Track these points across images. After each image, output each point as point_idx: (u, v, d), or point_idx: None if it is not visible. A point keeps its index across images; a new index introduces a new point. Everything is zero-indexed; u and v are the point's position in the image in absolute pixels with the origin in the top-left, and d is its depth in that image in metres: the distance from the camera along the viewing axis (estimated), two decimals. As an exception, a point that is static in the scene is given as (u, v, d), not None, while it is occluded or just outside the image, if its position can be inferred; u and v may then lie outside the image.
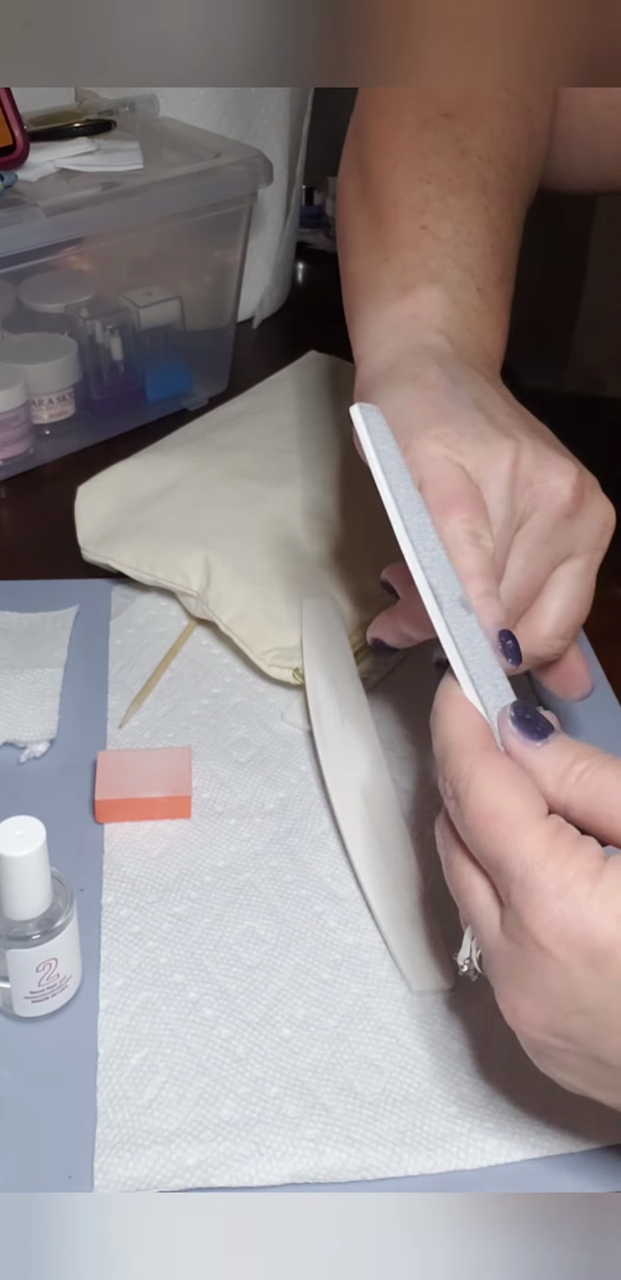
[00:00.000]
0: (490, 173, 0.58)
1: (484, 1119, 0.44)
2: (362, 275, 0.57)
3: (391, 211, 0.57)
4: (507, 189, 0.59)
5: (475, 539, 0.46)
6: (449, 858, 0.40)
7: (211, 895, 0.52)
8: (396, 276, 0.55)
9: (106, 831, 0.55)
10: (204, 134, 0.91)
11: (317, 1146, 0.43)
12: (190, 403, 0.91)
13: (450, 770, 0.39)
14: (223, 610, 0.65)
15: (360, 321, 0.56)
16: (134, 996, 0.48)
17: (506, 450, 0.47)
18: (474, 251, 0.55)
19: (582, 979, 0.35)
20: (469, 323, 0.54)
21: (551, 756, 0.38)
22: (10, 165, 0.82)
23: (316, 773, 0.59)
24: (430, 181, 0.57)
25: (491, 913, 0.38)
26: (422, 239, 0.55)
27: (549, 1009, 0.36)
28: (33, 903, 0.45)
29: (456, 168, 0.57)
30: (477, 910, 0.38)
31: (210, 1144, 0.43)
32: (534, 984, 0.36)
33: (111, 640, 0.67)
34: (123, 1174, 0.42)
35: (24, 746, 0.59)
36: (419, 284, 0.54)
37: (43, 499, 0.81)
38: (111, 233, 0.81)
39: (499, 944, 0.37)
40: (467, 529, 0.46)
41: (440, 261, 0.54)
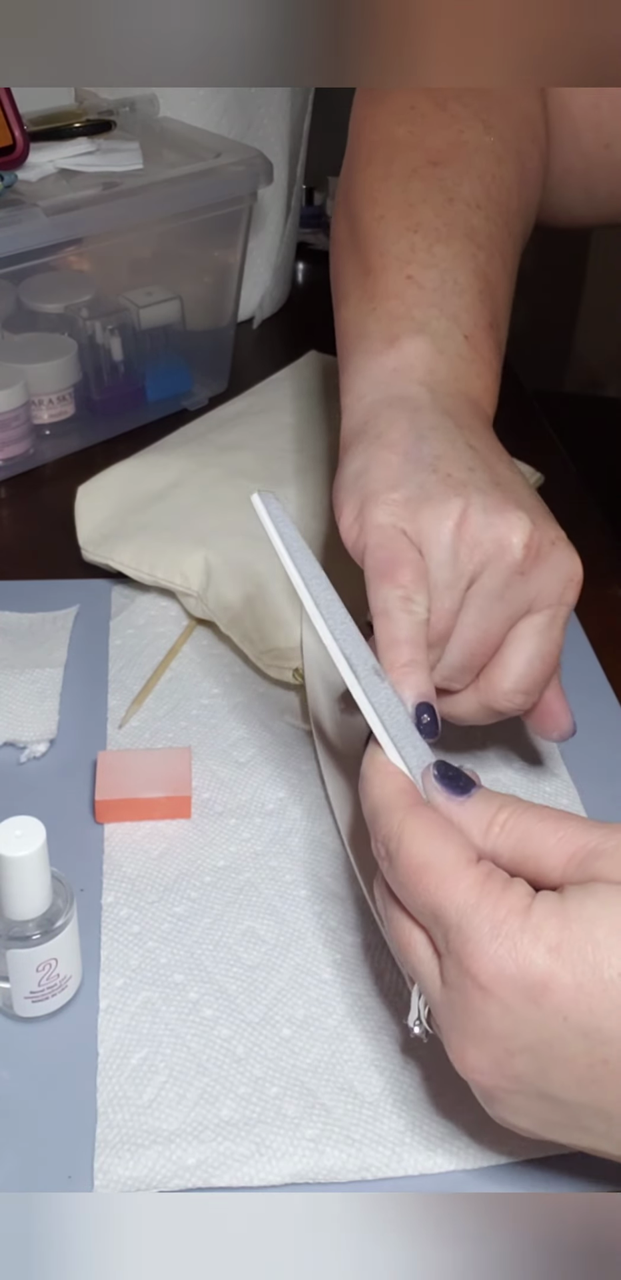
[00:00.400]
0: (478, 218, 0.58)
1: (484, 1119, 0.44)
2: (352, 325, 0.58)
3: (378, 262, 0.57)
4: (497, 234, 0.59)
5: (406, 604, 0.46)
6: (388, 915, 0.41)
7: (211, 895, 0.52)
8: (382, 327, 0.55)
9: (106, 831, 0.55)
10: (204, 134, 0.91)
11: (318, 1146, 0.43)
12: (190, 403, 0.91)
13: (381, 830, 0.40)
14: (222, 610, 0.65)
15: (347, 372, 0.56)
16: (134, 996, 0.48)
17: (452, 510, 0.47)
18: (461, 300, 0.55)
19: (523, 1015, 0.35)
20: (455, 371, 0.54)
21: (476, 809, 0.39)
22: (10, 165, 0.82)
23: (317, 773, 0.59)
24: (417, 231, 0.57)
25: (432, 964, 0.38)
26: (408, 289, 0.55)
27: (494, 1051, 0.36)
28: (33, 903, 0.45)
29: (443, 215, 0.57)
30: (419, 964, 0.39)
31: (210, 1144, 0.43)
32: (477, 1028, 0.36)
33: (111, 640, 0.67)
34: (123, 1174, 0.42)
35: (24, 746, 0.59)
36: (404, 335, 0.54)
37: (43, 499, 0.81)
38: (111, 233, 0.81)
39: (441, 995, 0.38)
40: (400, 595, 0.46)
41: (426, 312, 0.55)
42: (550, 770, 0.59)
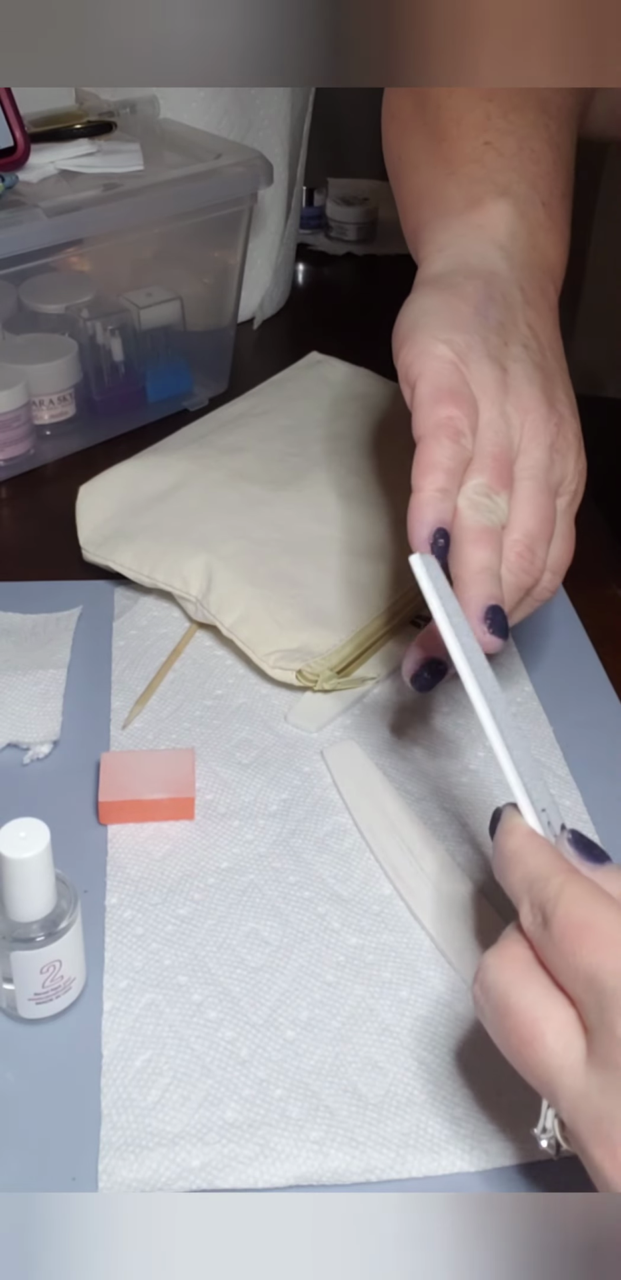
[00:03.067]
0: (546, 91, 0.59)
1: (488, 1121, 0.44)
2: (429, 189, 0.58)
3: (453, 129, 0.58)
4: (565, 105, 0.60)
5: (455, 434, 0.47)
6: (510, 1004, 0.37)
7: (215, 897, 0.52)
8: (464, 190, 0.56)
9: (110, 833, 0.55)
10: (204, 135, 0.91)
11: (322, 1148, 0.43)
12: (191, 403, 0.91)
13: (537, 895, 0.38)
14: (225, 614, 0.65)
15: (426, 229, 0.57)
16: (138, 998, 0.48)
17: (502, 371, 0.50)
18: (538, 168, 0.56)
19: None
20: (534, 238, 0.55)
21: (609, 877, 0.38)
22: (11, 166, 0.82)
23: (319, 774, 0.59)
24: (491, 99, 0.58)
25: (573, 1047, 0.35)
26: (487, 154, 0.56)
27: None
28: (37, 904, 0.45)
29: None
30: (554, 1053, 0.36)
31: (214, 1146, 0.43)
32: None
33: (114, 641, 0.67)
34: (127, 1176, 0.42)
35: (27, 748, 0.59)
36: (486, 197, 0.55)
37: (44, 499, 0.81)
38: (112, 234, 0.81)
39: (587, 1081, 0.34)
40: (451, 420, 0.48)
41: (507, 176, 0.56)
42: (552, 770, 0.59)
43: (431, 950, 0.50)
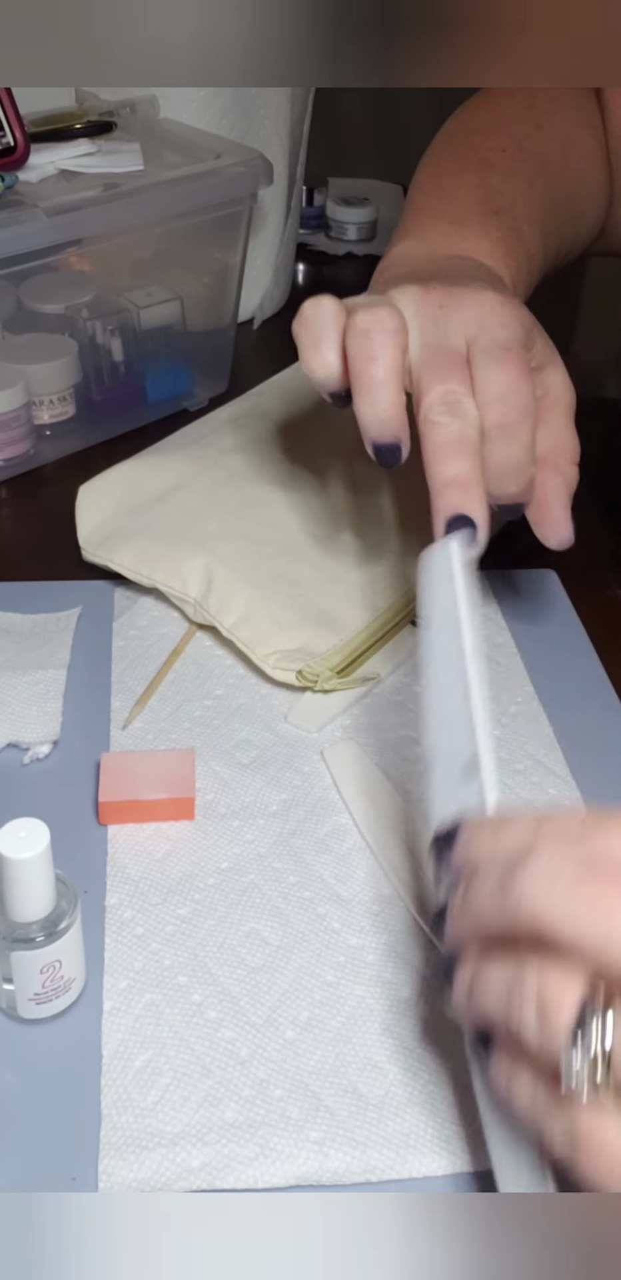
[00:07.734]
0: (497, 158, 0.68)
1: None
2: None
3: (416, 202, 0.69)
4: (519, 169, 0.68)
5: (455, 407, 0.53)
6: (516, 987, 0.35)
7: (215, 897, 0.52)
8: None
9: (110, 833, 0.55)
10: (204, 135, 0.91)
11: (322, 1149, 0.43)
12: (191, 403, 0.91)
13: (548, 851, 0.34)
14: (225, 615, 0.65)
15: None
16: (138, 999, 0.48)
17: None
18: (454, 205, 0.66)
19: None
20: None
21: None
22: (11, 166, 0.82)
23: (319, 775, 0.59)
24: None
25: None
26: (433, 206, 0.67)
27: None
28: (37, 905, 0.45)
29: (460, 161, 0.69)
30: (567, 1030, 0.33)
31: (214, 1146, 0.43)
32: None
33: (114, 641, 0.67)
34: (127, 1176, 0.42)
35: (27, 748, 0.59)
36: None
37: (43, 499, 0.81)
38: (112, 233, 0.81)
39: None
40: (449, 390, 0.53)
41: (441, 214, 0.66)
42: (552, 770, 0.59)
43: (431, 950, 0.50)
